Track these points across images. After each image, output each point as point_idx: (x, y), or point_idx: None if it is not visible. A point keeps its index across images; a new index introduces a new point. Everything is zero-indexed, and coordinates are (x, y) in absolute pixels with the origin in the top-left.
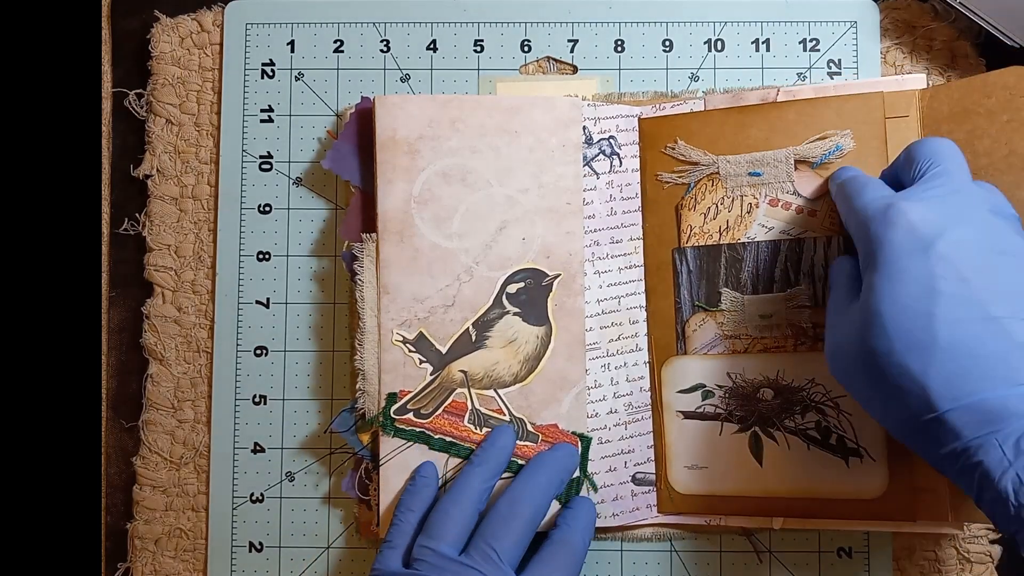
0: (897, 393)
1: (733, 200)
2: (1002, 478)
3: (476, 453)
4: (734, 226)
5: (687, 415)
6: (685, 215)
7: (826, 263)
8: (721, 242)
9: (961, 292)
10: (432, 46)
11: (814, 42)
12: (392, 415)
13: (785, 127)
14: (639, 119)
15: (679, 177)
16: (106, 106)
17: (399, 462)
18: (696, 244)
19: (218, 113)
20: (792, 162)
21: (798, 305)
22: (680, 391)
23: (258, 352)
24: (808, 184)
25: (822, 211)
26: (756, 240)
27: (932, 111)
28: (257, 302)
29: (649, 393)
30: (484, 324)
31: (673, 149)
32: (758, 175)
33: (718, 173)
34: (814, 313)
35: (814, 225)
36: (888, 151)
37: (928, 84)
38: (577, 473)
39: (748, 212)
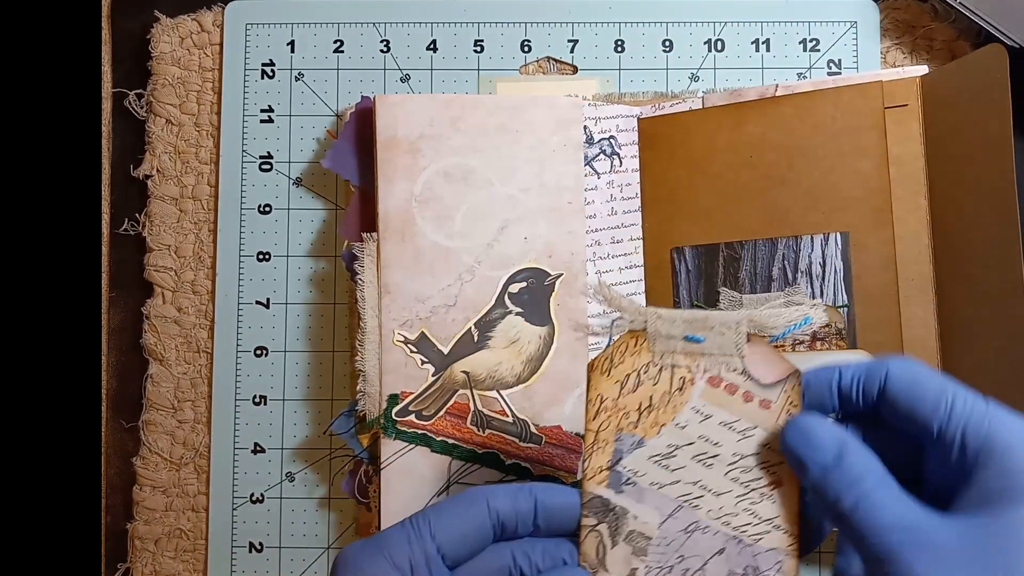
0: None
1: (661, 371)
2: None
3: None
4: (658, 406)
5: None
6: (595, 380)
7: (824, 261)
8: (637, 432)
9: None
10: (432, 46)
11: (814, 42)
12: (394, 417)
13: (783, 122)
14: (638, 119)
15: (596, 327)
16: (106, 106)
17: (400, 465)
18: (600, 428)
19: (218, 113)
20: (744, 331)
21: (797, 304)
22: None
23: (258, 352)
24: (763, 365)
25: (779, 405)
26: (752, 240)
27: (932, 98)
28: (257, 302)
29: None
30: (486, 324)
31: (589, 289)
32: (697, 341)
33: (644, 330)
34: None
35: (766, 422)
36: (888, 145)
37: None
38: (581, 475)
39: (680, 390)
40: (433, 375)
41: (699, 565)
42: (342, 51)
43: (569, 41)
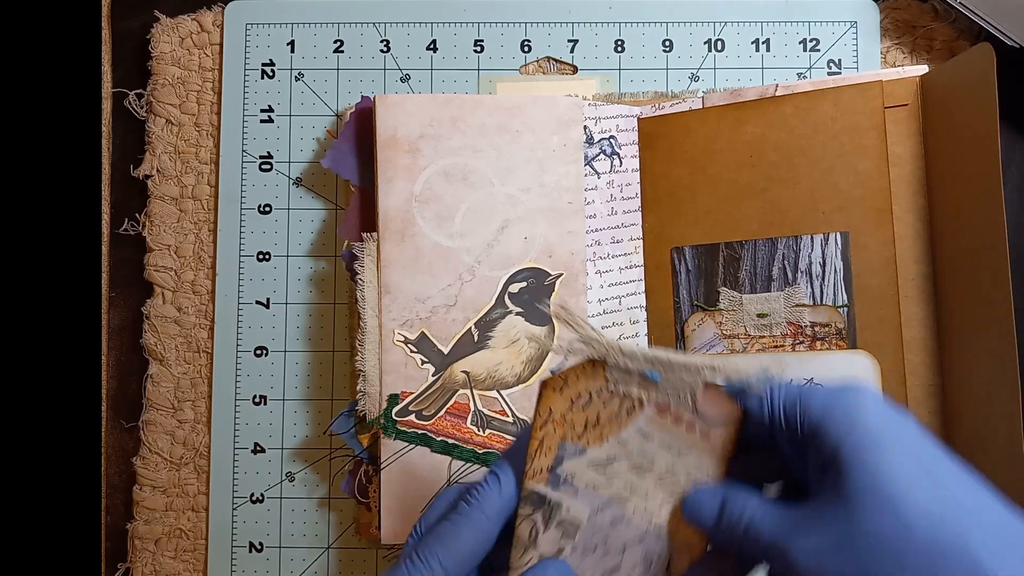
0: None
1: (612, 396)
2: None
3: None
4: (604, 423)
5: None
6: (547, 395)
7: (824, 260)
8: (580, 443)
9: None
10: (432, 46)
11: (814, 42)
12: (394, 417)
13: (782, 121)
14: (638, 119)
15: (561, 346)
16: (106, 106)
17: (400, 465)
18: (545, 436)
19: (218, 113)
20: (703, 375)
21: (796, 304)
22: None
23: (258, 352)
24: (713, 405)
25: (718, 437)
26: (752, 239)
27: (930, 98)
28: (257, 302)
29: None
30: (486, 324)
31: (556, 313)
32: (654, 379)
33: (606, 362)
34: (813, 312)
35: (702, 449)
36: (888, 145)
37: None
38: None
39: (628, 413)
40: (433, 375)
41: (620, 548)
42: (342, 51)
43: (569, 41)
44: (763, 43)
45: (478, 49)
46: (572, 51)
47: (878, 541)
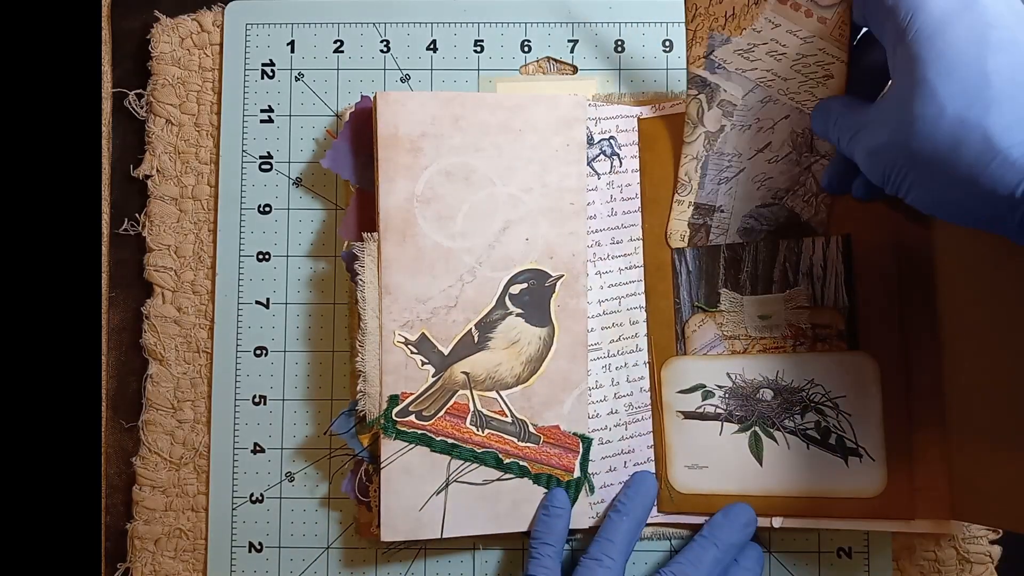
0: (954, 150)
1: None
2: None
3: (620, 500)
4: (740, 14)
5: (687, 415)
6: None
7: (825, 262)
8: (724, 32)
9: (1013, 36)
10: (432, 46)
11: None
12: (394, 417)
13: None
14: (638, 119)
15: None
16: (106, 106)
17: (400, 464)
18: (697, 28)
19: (218, 113)
20: None
21: (797, 306)
22: (680, 391)
23: (258, 352)
24: None
25: (832, 21)
26: (753, 241)
27: None
28: (257, 302)
29: (649, 393)
30: (487, 325)
31: None
32: None
33: None
34: (813, 314)
35: (822, 33)
36: None
37: None
38: (578, 473)
39: (756, 3)
40: (433, 376)
41: (770, 125)
42: (342, 51)
43: (569, 41)
44: None
45: (478, 49)
46: (572, 51)
47: (921, 120)
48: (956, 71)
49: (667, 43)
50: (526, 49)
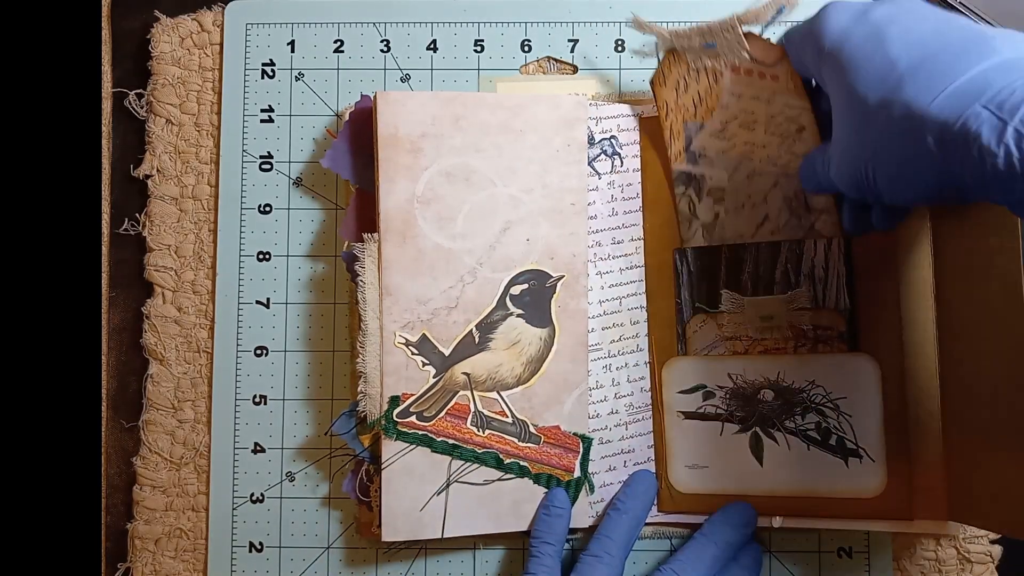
0: (890, 130)
1: (698, 72)
2: (1001, 139)
3: (620, 499)
4: (706, 97)
5: (688, 415)
6: (659, 92)
7: (827, 264)
8: (697, 119)
9: (907, 20)
10: (432, 46)
11: None
12: (395, 418)
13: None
14: (640, 118)
15: (645, 50)
16: (106, 106)
17: (402, 465)
18: (672, 124)
19: (218, 113)
20: (739, 30)
21: (798, 307)
22: (681, 392)
23: (258, 352)
24: (763, 50)
25: (783, 74)
26: (757, 244)
27: None
28: (257, 302)
29: (650, 393)
30: (487, 326)
31: (636, 22)
32: (712, 46)
33: (676, 48)
34: (814, 315)
35: (779, 89)
36: None
37: None
38: (578, 473)
39: (715, 82)
40: (434, 377)
41: (762, 198)
42: (342, 51)
43: (569, 41)
44: None
45: (478, 49)
46: (572, 51)
47: (855, 115)
48: (866, 66)
49: None
50: (526, 49)
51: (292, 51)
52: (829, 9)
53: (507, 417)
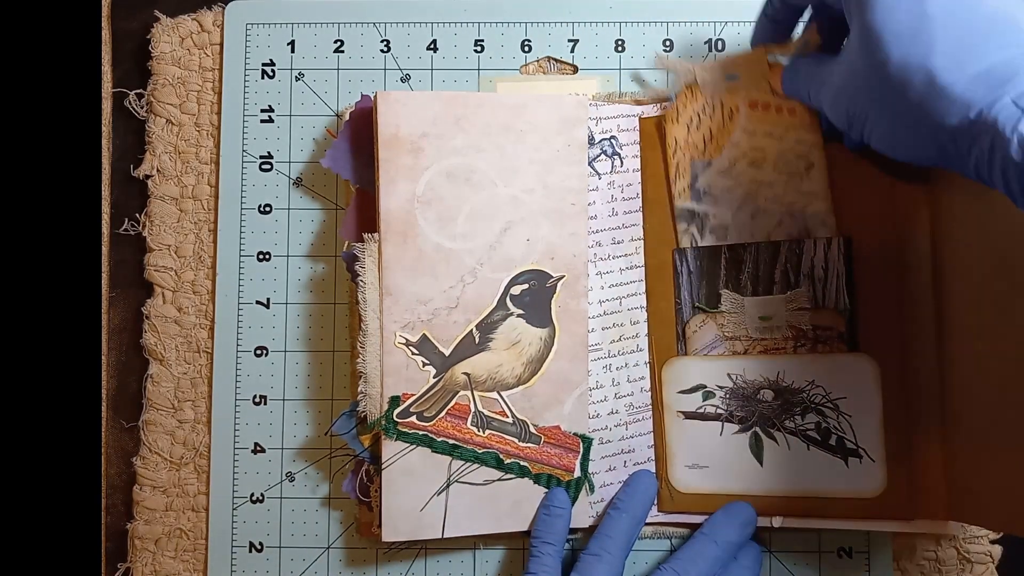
0: (901, 90)
1: (714, 108)
2: (1015, 131)
3: (620, 498)
4: (717, 135)
5: (688, 415)
6: (670, 128)
7: (826, 264)
8: (705, 157)
9: None
10: (432, 46)
11: None
12: (395, 418)
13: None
14: (640, 118)
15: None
16: (106, 106)
17: (402, 465)
18: (679, 162)
19: (218, 113)
20: (766, 62)
21: (798, 307)
22: (681, 392)
23: (258, 352)
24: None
25: (800, 109)
26: (755, 242)
27: None
28: (257, 302)
29: (649, 393)
30: (488, 326)
31: (660, 60)
32: (735, 79)
33: (696, 82)
34: (814, 315)
35: (794, 125)
36: None
37: None
38: (578, 473)
39: (730, 119)
40: (434, 377)
41: (765, 237)
42: (342, 51)
43: (569, 41)
44: None
45: (478, 49)
46: (572, 51)
47: (869, 63)
48: (896, 14)
49: (667, 43)
50: (526, 49)
51: (292, 51)
52: None
53: (507, 417)
